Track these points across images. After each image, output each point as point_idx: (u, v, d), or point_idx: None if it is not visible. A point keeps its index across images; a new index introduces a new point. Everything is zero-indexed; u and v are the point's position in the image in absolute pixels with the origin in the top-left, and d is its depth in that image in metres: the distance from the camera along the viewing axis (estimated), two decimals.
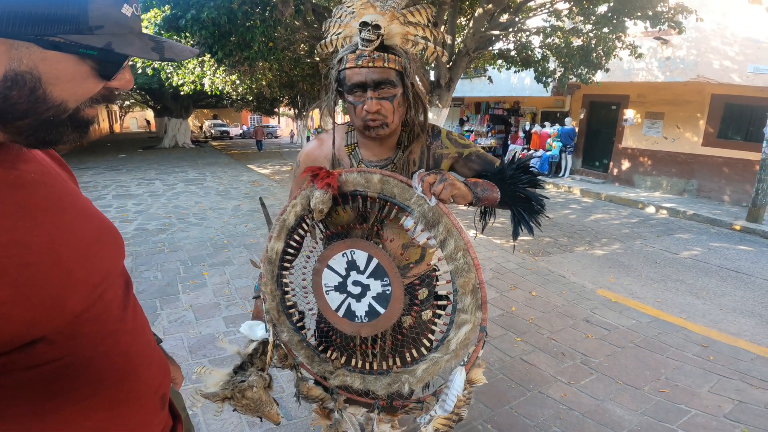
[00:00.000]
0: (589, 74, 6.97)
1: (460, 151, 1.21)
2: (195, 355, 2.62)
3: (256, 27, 5.33)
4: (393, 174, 1.01)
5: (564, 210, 7.97)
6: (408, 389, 0.98)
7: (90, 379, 0.60)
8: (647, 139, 10.31)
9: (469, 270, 0.93)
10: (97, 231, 0.65)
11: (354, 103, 1.09)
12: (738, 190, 8.79)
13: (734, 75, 8.17)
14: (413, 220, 0.98)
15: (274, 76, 11.07)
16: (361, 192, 1.03)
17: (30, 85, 0.50)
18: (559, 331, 3.16)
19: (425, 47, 1.11)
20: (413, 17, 1.09)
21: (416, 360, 1.01)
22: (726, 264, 5.06)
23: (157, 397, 0.73)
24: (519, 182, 1.12)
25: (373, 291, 1.06)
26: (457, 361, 0.94)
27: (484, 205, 1.09)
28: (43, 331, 0.54)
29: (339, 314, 1.10)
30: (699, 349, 2.97)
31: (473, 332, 0.93)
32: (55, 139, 0.56)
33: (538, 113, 13.33)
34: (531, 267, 4.54)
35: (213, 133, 28.77)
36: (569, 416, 2.23)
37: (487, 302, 0.93)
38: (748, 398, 2.43)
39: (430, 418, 0.93)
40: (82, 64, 0.52)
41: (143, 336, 0.72)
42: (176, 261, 4.37)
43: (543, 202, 1.14)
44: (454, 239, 0.94)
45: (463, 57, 6.23)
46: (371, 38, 1.03)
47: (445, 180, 0.94)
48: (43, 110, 0.52)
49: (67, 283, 0.56)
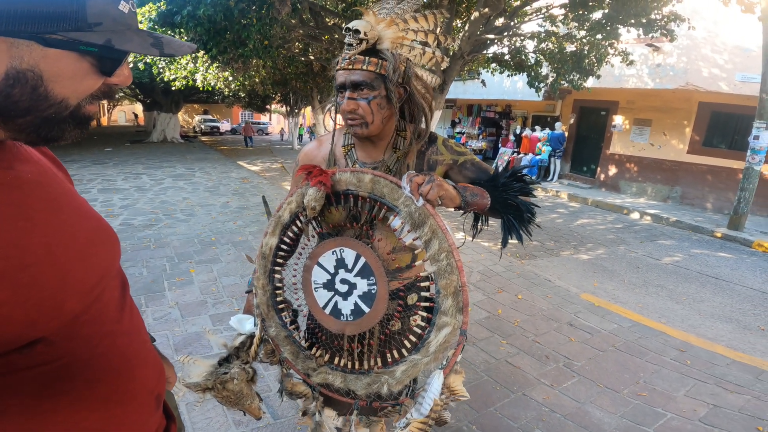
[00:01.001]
0: (580, 80, 7.06)
1: (455, 158, 1.23)
2: (180, 353, 2.61)
3: (252, 25, 5.31)
4: (384, 174, 1.04)
5: (551, 214, 8.07)
6: (387, 390, 0.99)
7: (87, 380, 0.60)
8: (634, 146, 10.47)
9: (451, 272, 0.94)
10: (92, 231, 0.65)
11: (339, 102, 1.15)
12: (721, 198, 8.97)
13: (722, 83, 8.29)
14: (401, 220, 1.00)
15: (267, 73, 11.02)
16: (353, 191, 1.06)
17: (32, 83, 0.50)
18: (544, 334, 3.21)
19: (423, 52, 1.13)
20: (416, 23, 1.12)
21: (396, 361, 1.03)
22: (706, 270, 5.18)
23: (153, 398, 0.73)
24: (510, 190, 1.14)
25: (359, 290, 1.08)
26: (436, 364, 0.95)
27: (472, 209, 1.11)
28: (42, 332, 0.54)
29: (326, 312, 1.12)
30: (677, 354, 3.04)
31: (453, 335, 0.94)
32: (57, 136, 0.57)
33: (529, 117, 13.46)
34: (518, 270, 4.59)
35: (203, 128, 28.53)
36: (551, 418, 2.27)
37: (469, 305, 0.94)
38: (723, 403, 2.49)
39: (407, 422, 0.94)
40: (82, 61, 0.53)
41: (139, 336, 0.73)
42: (162, 257, 4.33)
43: (534, 210, 1.15)
44: (439, 240, 0.96)
45: (458, 60, 6.27)
46: (352, 42, 1.08)
47: (433, 181, 0.96)
48: (45, 107, 0.53)
49: (65, 284, 0.56)
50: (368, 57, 1.08)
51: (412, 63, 1.17)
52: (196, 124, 29.66)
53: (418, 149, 1.22)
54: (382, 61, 1.09)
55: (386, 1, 1.16)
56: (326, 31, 6.85)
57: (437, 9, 1.19)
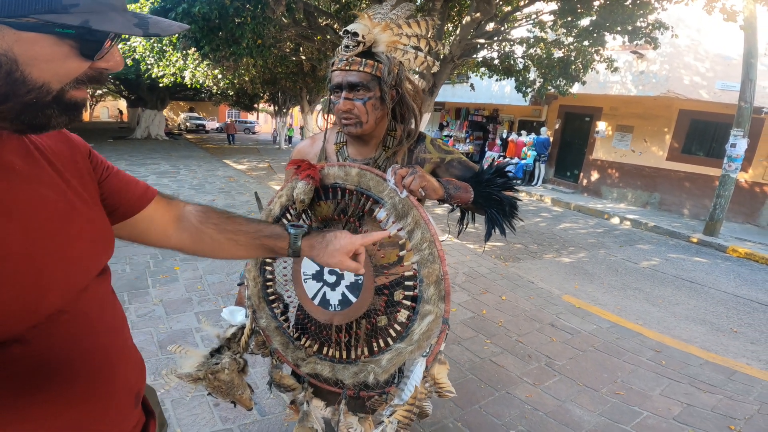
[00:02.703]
0: (566, 86, 7.21)
1: (443, 156, 1.27)
2: (165, 351, 2.59)
3: (247, 24, 5.30)
4: (370, 168, 1.07)
5: (535, 218, 8.21)
6: (373, 379, 1.02)
7: (63, 378, 0.59)
8: (616, 152, 10.69)
9: (434, 261, 0.98)
10: (80, 229, 0.64)
11: (334, 102, 1.18)
12: (697, 204, 9.21)
13: (702, 91, 8.45)
14: (385, 212, 1.03)
15: (257, 72, 10.95)
16: (341, 184, 1.09)
17: (6, 68, 0.48)
18: (527, 334, 3.28)
19: (415, 56, 1.17)
20: (410, 29, 1.16)
21: (382, 350, 1.06)
22: (682, 274, 5.34)
23: (132, 396, 0.72)
24: (494, 185, 1.18)
25: (346, 280, 1.11)
26: (420, 352, 0.98)
27: (456, 203, 1.14)
28: (16, 332, 0.53)
29: (315, 302, 1.15)
30: (653, 354, 3.13)
31: (435, 323, 0.97)
32: (43, 123, 0.55)
33: (515, 122, 13.64)
34: (502, 272, 4.67)
35: (188, 126, 28.13)
36: (533, 416, 2.32)
37: (450, 294, 0.98)
38: (696, 402, 2.57)
39: (392, 410, 0.97)
40: (60, 44, 0.50)
41: (121, 334, 0.72)
42: (146, 254, 4.27)
43: (516, 204, 1.18)
44: (421, 230, 0.99)
45: (448, 63, 6.35)
46: (349, 44, 1.11)
47: (416, 173, 1.00)
48: (24, 93, 0.50)
49: (42, 281, 0.55)
50: (365, 59, 1.12)
51: (404, 66, 1.21)
52: (182, 121, 29.23)
53: (408, 148, 1.26)
54: (378, 64, 1.12)
55: (381, 6, 1.20)
56: (318, 31, 6.86)
57: (429, 15, 1.23)
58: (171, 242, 0.87)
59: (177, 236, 0.87)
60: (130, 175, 0.82)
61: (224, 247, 0.88)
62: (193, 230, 0.87)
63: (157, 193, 0.86)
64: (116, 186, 0.77)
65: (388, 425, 0.92)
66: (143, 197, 0.81)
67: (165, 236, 0.86)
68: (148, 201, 0.82)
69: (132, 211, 0.79)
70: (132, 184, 0.81)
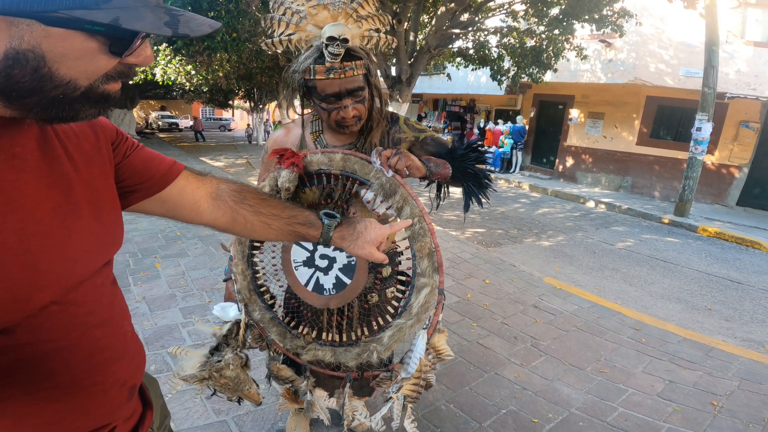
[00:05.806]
0: (539, 74, 7.34)
1: (417, 135, 1.31)
2: (152, 347, 2.55)
3: (221, 17, 5.18)
4: (353, 152, 1.09)
5: (514, 204, 8.36)
6: (376, 358, 1.04)
7: (47, 372, 0.57)
8: (589, 138, 10.97)
9: (425, 234, 1.00)
10: (83, 224, 0.62)
11: (328, 109, 1.15)
12: (667, 186, 9.56)
13: (668, 78, 8.74)
14: (373, 193, 1.05)
15: (232, 67, 10.71)
16: (325, 170, 1.10)
17: (33, 64, 0.47)
18: (511, 316, 3.36)
19: (378, 39, 1.16)
20: (363, 10, 1.12)
21: (382, 328, 1.07)
22: (655, 254, 5.54)
23: (125, 389, 0.71)
24: (468, 160, 1.23)
25: (339, 263, 1.12)
26: (420, 325, 1.00)
27: (436, 179, 1.19)
28: (4, 324, 0.51)
29: (308, 288, 1.15)
30: (632, 332, 3.24)
31: (432, 295, 1.00)
32: (70, 116, 0.54)
33: (492, 111, 13.81)
34: (485, 257, 4.75)
35: (161, 124, 27.33)
36: (523, 395, 2.38)
37: (443, 266, 1.01)
38: (678, 378, 2.64)
39: (399, 386, 0.99)
40: (90, 41, 0.49)
41: (118, 329, 0.70)
42: (124, 253, 4.16)
43: (489, 176, 1.26)
44: (410, 206, 1.02)
45: (425, 53, 6.37)
46: (339, 52, 1.06)
47: (400, 153, 1.03)
48: (50, 88, 0.49)
49: (34, 275, 0.53)
50: (353, 61, 1.10)
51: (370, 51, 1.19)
52: (153, 120, 28.36)
53: (383, 129, 1.28)
54: (362, 61, 1.12)
55: None
56: None
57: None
58: (203, 219, 0.87)
59: (210, 214, 0.87)
60: (154, 152, 0.81)
61: (256, 228, 0.89)
62: (228, 210, 0.87)
63: (185, 168, 0.85)
64: (140, 163, 0.77)
65: (396, 401, 0.93)
66: (168, 173, 0.81)
67: (197, 213, 0.86)
68: (173, 177, 0.81)
69: (157, 187, 0.79)
70: (156, 160, 0.80)
